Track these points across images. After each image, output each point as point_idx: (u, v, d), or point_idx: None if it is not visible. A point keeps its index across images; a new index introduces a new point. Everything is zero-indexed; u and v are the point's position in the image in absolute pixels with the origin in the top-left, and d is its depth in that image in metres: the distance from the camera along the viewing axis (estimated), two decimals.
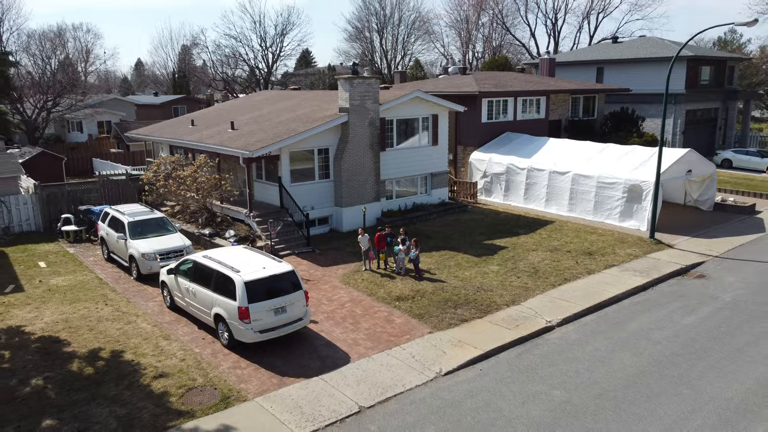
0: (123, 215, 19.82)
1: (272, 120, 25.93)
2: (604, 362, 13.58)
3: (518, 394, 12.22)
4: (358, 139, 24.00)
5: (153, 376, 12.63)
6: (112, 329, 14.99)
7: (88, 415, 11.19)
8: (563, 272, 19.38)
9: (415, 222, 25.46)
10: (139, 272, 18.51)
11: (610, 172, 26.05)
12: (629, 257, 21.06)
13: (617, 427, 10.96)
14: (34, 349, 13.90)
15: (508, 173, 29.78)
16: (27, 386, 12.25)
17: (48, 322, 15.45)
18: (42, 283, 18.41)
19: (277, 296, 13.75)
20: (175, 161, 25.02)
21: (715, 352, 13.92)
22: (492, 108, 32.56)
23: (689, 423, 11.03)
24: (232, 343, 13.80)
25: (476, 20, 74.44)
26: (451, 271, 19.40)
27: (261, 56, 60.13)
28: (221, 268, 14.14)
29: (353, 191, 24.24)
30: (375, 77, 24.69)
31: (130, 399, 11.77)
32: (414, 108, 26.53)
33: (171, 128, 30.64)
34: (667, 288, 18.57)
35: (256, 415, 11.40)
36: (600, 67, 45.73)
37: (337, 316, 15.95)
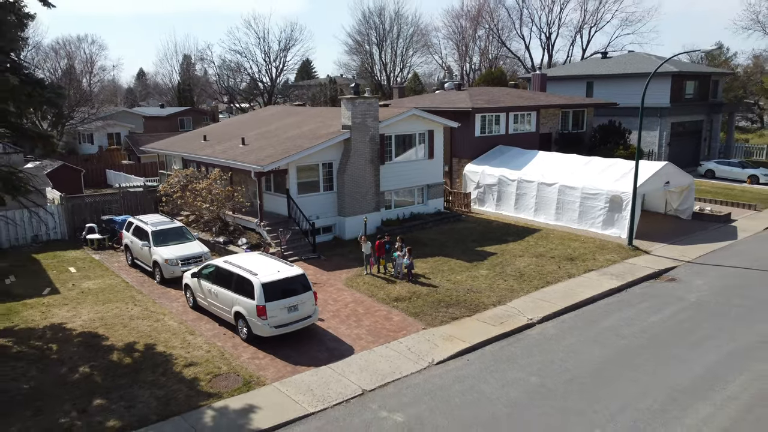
0: (146, 225, 21.83)
1: (280, 136, 27.97)
2: (576, 354, 15.53)
3: (499, 380, 14.17)
4: (359, 154, 26.02)
5: (183, 365, 14.58)
6: (143, 326, 16.96)
7: (132, 396, 13.14)
8: (546, 276, 21.36)
9: (412, 230, 27.43)
10: (162, 276, 20.49)
11: (594, 183, 28.06)
12: (608, 262, 23.04)
13: (582, 405, 12.91)
14: (76, 343, 15.87)
15: (499, 184, 31.79)
16: (76, 373, 14.21)
17: (86, 320, 17.42)
18: (75, 286, 20.38)
19: (290, 296, 15.72)
20: (189, 174, 27.02)
21: (674, 345, 15.88)
22: (485, 122, 34.61)
23: (642, 401, 12.98)
24: (251, 337, 15.76)
25: (473, 33, 76.80)
26: (444, 275, 21.37)
27: (265, 70, 62.33)
28: (240, 272, 16.12)
29: (355, 202, 26.24)
30: (375, 97, 26.77)
31: (165, 383, 13.72)
32: (411, 124, 28.59)
33: (184, 143, 32.69)
34: (639, 290, 20.54)
35: (274, 396, 13.34)
36: (590, 82, 47.84)
37: (342, 315, 17.91)
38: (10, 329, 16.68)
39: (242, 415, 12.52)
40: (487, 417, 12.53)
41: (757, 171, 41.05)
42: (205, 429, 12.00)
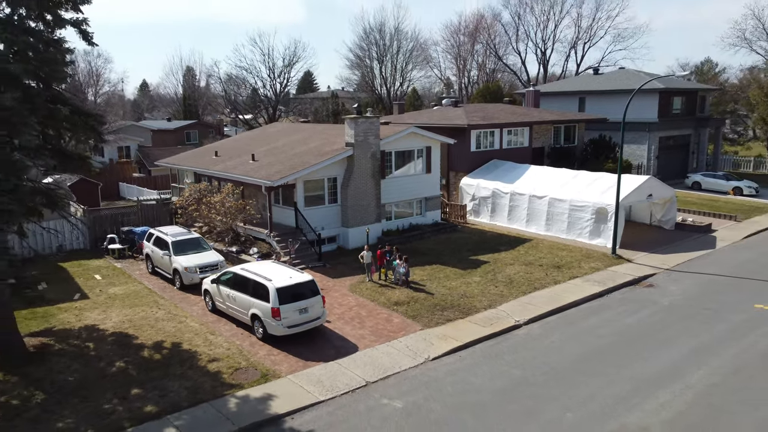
0: (166, 236, 23.75)
1: (287, 152, 29.95)
2: (556, 351, 17.40)
3: (487, 373, 16.03)
4: (361, 170, 27.98)
5: (207, 360, 16.46)
6: (168, 327, 18.84)
7: (164, 386, 15.01)
8: (534, 282, 23.25)
9: (411, 240, 29.33)
10: (182, 283, 22.40)
11: (581, 196, 29.99)
12: (592, 270, 24.94)
13: (557, 393, 14.77)
14: (110, 341, 17.75)
15: (493, 197, 33.74)
16: (113, 367, 16.08)
17: (116, 321, 19.30)
18: (102, 292, 22.28)
19: (301, 300, 17.62)
20: (203, 189, 28.97)
21: (644, 343, 17.74)
22: (480, 138, 36.63)
23: (610, 390, 14.84)
24: (266, 336, 17.64)
25: (471, 48, 79.03)
26: (440, 282, 23.26)
27: (269, 85, 64.51)
28: (257, 278, 18.02)
29: (357, 214, 28.17)
30: (376, 116, 28.80)
31: (192, 376, 15.59)
32: (410, 141, 30.58)
33: (196, 158, 34.69)
34: (619, 295, 22.43)
35: (289, 387, 15.20)
36: (582, 97, 49.90)
37: (347, 317, 19.79)
38: (49, 330, 18.57)
39: (261, 402, 14.39)
40: (474, 403, 14.39)
41: (740, 183, 42.99)
42: (230, 414, 13.86)
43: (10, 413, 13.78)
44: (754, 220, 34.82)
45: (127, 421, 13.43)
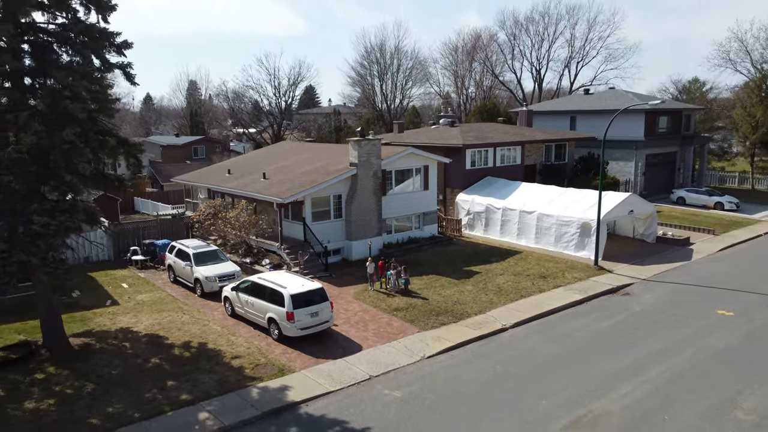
0: (188, 248, 26.18)
1: (295, 171, 32.45)
2: (536, 350, 19.77)
3: (474, 369, 18.39)
4: (364, 187, 30.46)
5: (230, 357, 18.83)
6: (194, 329, 21.22)
7: (195, 379, 17.37)
8: (521, 291, 25.64)
9: (410, 253, 31.71)
10: (203, 291, 24.80)
11: (567, 212, 32.43)
12: (575, 280, 27.33)
13: (534, 385, 17.13)
14: (144, 342, 20.12)
15: (487, 212, 36.19)
16: (149, 363, 18.45)
17: (146, 325, 21.68)
18: (131, 299, 24.67)
19: (312, 305, 20.00)
20: (218, 205, 31.43)
21: (614, 344, 20.11)
22: (475, 157, 39.14)
23: (581, 383, 17.20)
24: (281, 338, 20.00)
25: (468, 66, 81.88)
26: (436, 290, 25.64)
27: (275, 103, 67.24)
28: (273, 285, 20.42)
29: (360, 228, 30.61)
30: (377, 139, 31.35)
31: (219, 370, 17.95)
32: (409, 161, 33.09)
33: (210, 175, 37.21)
34: (597, 302, 24.81)
35: (302, 380, 17.56)
36: (573, 116, 52.50)
37: (352, 321, 22.16)
38: (89, 331, 20.94)
39: (280, 391, 16.75)
40: (463, 393, 16.75)
41: (722, 198, 45.47)
42: (253, 401, 16.22)
43: (67, 400, 16.14)
44: (731, 233, 37.23)
45: (166, 407, 15.79)
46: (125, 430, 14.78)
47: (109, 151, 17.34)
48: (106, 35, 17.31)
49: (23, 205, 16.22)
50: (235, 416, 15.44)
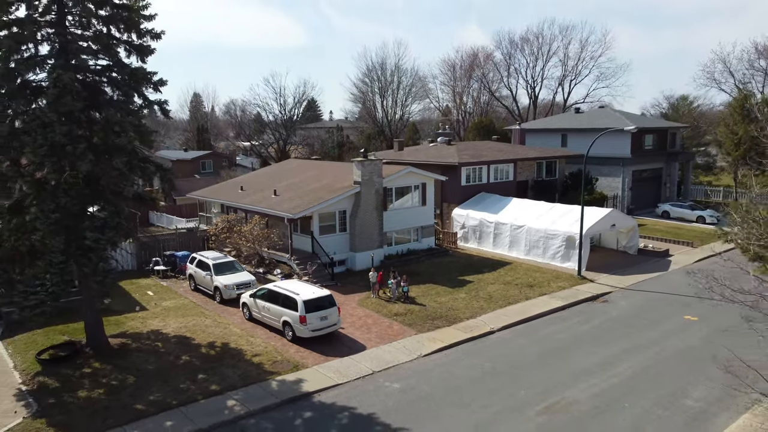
0: (208, 259, 28.88)
1: (304, 188, 35.22)
2: (520, 350, 22.42)
3: (465, 365, 21.03)
4: (367, 203, 33.21)
5: (251, 355, 21.48)
6: (216, 331, 23.89)
7: (222, 373, 20.03)
8: (509, 298, 28.30)
9: (409, 263, 34.37)
10: (222, 298, 27.47)
11: (554, 226, 35.14)
12: (559, 288, 29.99)
13: (516, 378, 19.77)
14: (173, 342, 22.79)
15: (481, 226, 38.91)
16: (180, 360, 21.11)
17: (174, 327, 24.35)
18: (157, 305, 27.35)
19: (322, 310, 22.65)
20: (233, 219, 34.16)
21: (589, 345, 22.77)
22: (470, 174, 41.91)
23: (555, 377, 19.85)
24: (294, 338, 22.66)
25: (467, 83, 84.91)
26: (432, 298, 28.31)
27: (281, 121, 70.17)
28: (287, 292, 23.11)
29: (363, 241, 33.32)
30: (379, 159, 34.15)
31: (241, 366, 20.60)
32: (408, 179, 35.88)
33: (223, 191, 40.00)
34: (578, 309, 27.47)
35: (314, 374, 20.19)
36: (564, 134, 55.34)
37: (356, 325, 24.82)
38: (123, 333, 23.60)
39: (295, 383, 19.39)
40: (454, 385, 19.40)
41: (704, 212, 48.20)
42: (273, 391, 18.86)
43: (114, 390, 18.79)
44: (710, 246, 39.69)
45: (199, 396, 18.44)
46: (166, 414, 17.43)
47: (148, 176, 20.10)
48: (146, 75, 20.15)
49: (76, 222, 18.95)
50: (258, 403, 18.09)
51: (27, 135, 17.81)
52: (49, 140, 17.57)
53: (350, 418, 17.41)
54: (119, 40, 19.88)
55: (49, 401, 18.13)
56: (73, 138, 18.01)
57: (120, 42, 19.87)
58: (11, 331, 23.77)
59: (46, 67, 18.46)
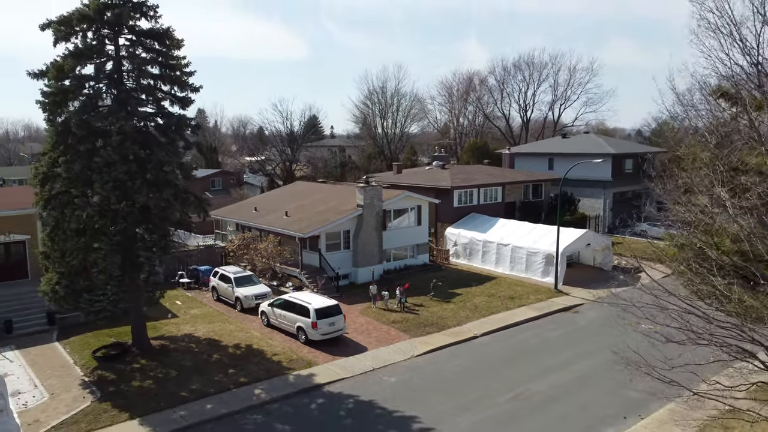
0: (229, 273, 33.07)
1: (312, 210, 39.48)
2: (497, 352, 26.56)
3: (450, 364, 25.15)
4: (368, 224, 37.44)
5: (271, 354, 25.60)
6: (240, 335, 28.02)
7: (248, 368, 24.15)
8: (492, 309, 32.45)
9: (405, 278, 38.45)
10: (242, 307, 31.62)
11: (536, 245, 39.36)
12: (536, 300, 34.15)
13: (491, 374, 23.90)
14: (204, 343, 26.92)
15: (470, 244, 43.13)
16: (212, 358, 25.24)
17: (204, 332, 28.49)
18: (186, 313, 31.49)
19: (330, 317, 26.81)
20: (248, 237, 38.40)
21: (557, 348, 26.89)
22: (461, 196, 46.21)
23: (524, 373, 23.98)
24: (307, 341, 26.78)
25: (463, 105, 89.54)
26: (424, 308, 32.45)
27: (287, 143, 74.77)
28: (301, 302, 27.27)
29: (365, 257, 37.51)
30: (380, 185, 38.44)
31: (264, 363, 24.71)
32: (405, 202, 40.17)
33: (238, 211, 44.30)
34: (551, 318, 31.61)
35: (324, 370, 24.31)
36: (551, 158, 59.75)
37: (359, 330, 28.94)
38: (161, 336, 27.73)
39: (308, 377, 23.50)
40: (441, 378, 23.54)
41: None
42: (291, 383, 22.96)
43: (161, 381, 22.91)
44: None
45: (231, 385, 22.56)
46: (205, 399, 21.55)
47: (189, 205, 24.37)
48: (187, 122, 24.50)
49: (131, 243, 23.17)
50: (279, 392, 22.21)
51: (95, 172, 22.09)
52: (113, 177, 21.85)
53: (354, 404, 21.52)
54: (166, 93, 24.24)
55: (109, 389, 22.25)
56: (132, 175, 22.27)
57: (167, 94, 24.23)
58: (65, 335, 27.91)
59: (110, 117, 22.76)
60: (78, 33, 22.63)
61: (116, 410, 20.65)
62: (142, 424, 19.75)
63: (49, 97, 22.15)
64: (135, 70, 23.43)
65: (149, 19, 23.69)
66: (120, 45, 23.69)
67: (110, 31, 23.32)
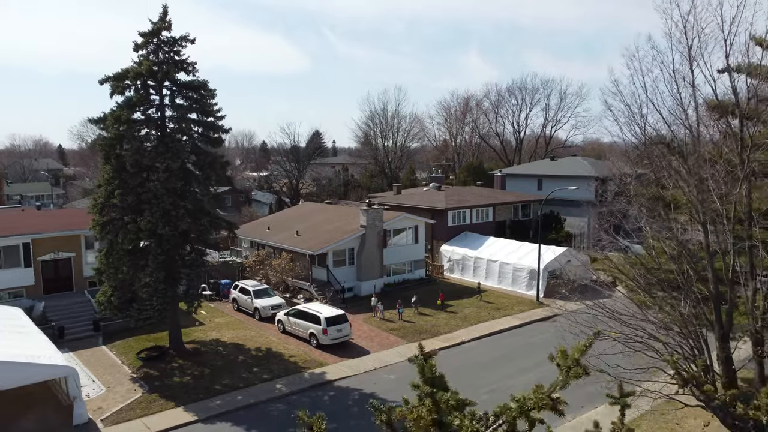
0: (248, 286, 37.56)
1: (320, 229, 44.02)
2: (482, 355, 30.96)
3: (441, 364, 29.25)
4: (371, 242, 41.95)
5: (288, 356, 30.02)
6: (260, 340, 32.45)
7: (269, 367, 28.57)
8: (479, 318, 36.88)
9: (404, 291, 42.92)
10: (260, 316, 36.06)
11: (521, 261, 43.83)
12: (520, 311, 38.57)
13: (477, 373, 28.30)
14: (230, 347, 31.35)
15: (463, 260, 47.61)
16: (238, 359, 29.66)
17: (229, 337, 32.93)
18: (211, 321, 35.93)
19: (338, 324, 31.24)
20: (263, 254, 42.92)
21: (534, 352, 31.29)
22: (455, 216, 50.75)
23: (504, 371, 28.39)
24: (318, 345, 31.20)
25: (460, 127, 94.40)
26: (420, 317, 36.88)
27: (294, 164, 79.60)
28: (312, 311, 31.73)
29: (367, 272, 41.98)
30: (381, 207, 43.04)
31: (282, 363, 29.13)
32: (403, 222, 44.72)
33: (253, 229, 48.86)
34: (531, 326, 36.02)
35: (334, 369, 28.72)
36: (540, 179, 64.34)
37: (362, 336, 33.36)
38: (193, 341, 32.16)
39: (320, 375, 27.91)
40: None
41: None
42: (306, 379, 27.36)
43: (197, 377, 27.33)
44: None
45: (256, 381, 26.97)
46: (236, 392, 25.95)
47: (220, 229, 28.92)
48: (219, 159, 29.12)
49: (174, 262, 27.70)
50: (297, 386, 26.62)
51: (145, 203, 26.66)
52: (160, 207, 26.42)
53: (359, 396, 25.93)
54: (201, 135, 28.89)
55: (155, 383, 26.68)
56: (175, 205, 26.84)
57: (202, 136, 28.88)
58: (109, 339, 32.34)
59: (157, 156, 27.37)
60: (131, 87, 27.32)
61: (163, 400, 25.07)
62: (186, 411, 24.17)
63: (107, 140, 26.79)
64: (177, 117, 28.07)
65: (188, 74, 28.41)
66: (164, 94, 28.38)
67: (156, 84, 28.01)
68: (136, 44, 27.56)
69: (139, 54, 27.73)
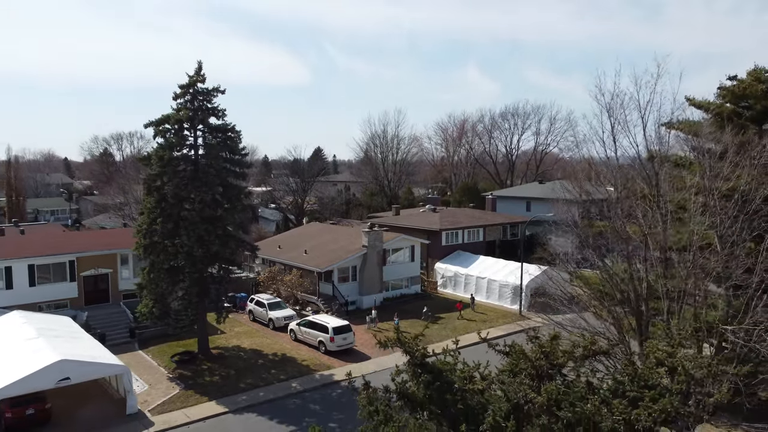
0: (263, 299, 42.46)
1: (326, 248, 48.99)
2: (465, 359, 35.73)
3: None
4: (371, 261, 46.89)
5: (300, 360, 34.86)
6: (275, 346, 37.30)
7: (285, 369, 33.43)
8: (467, 329, 41.71)
9: (401, 304, 47.77)
10: (274, 326, 40.93)
11: (507, 278, 48.77)
12: (503, 323, 43.44)
13: None
14: (250, 352, 36.20)
15: (455, 276, 52.53)
16: (258, 362, 34.46)
17: (248, 344, 37.77)
18: (231, 330, 40.77)
19: (344, 333, 36.09)
20: (275, 271, 47.85)
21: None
22: (448, 236, 55.73)
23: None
24: (326, 351, 36.03)
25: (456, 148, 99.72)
26: (414, 328, 41.41)
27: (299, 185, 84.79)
28: (321, 322, 36.61)
29: (368, 287, 46.87)
30: (381, 229, 48.05)
31: (296, 366, 33.95)
32: (401, 242, 49.73)
33: (266, 248, 53.65)
34: (514, 336, 40.73)
35: (340, 371, 33.52)
36: (528, 201, 69.36)
37: (364, 344, 38.19)
38: (217, 347, 37.00)
39: (329, 376, 32.75)
40: None
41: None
42: (316, 380, 32.18)
43: (224, 377, 32.17)
44: None
45: (274, 381, 31.82)
46: (258, 389, 30.80)
47: (245, 250, 33.88)
48: (244, 190, 34.16)
49: (204, 278, 32.64)
50: (309, 385, 31.47)
51: (182, 229, 31.64)
52: (196, 233, 31.41)
53: None
54: (229, 171, 33.93)
55: (189, 382, 31.51)
56: (209, 231, 31.83)
57: (230, 172, 33.92)
58: (144, 345, 37.18)
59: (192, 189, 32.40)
60: (170, 130, 32.42)
61: (198, 395, 29.92)
62: (218, 404, 29.02)
63: (151, 176, 31.84)
64: (209, 155, 33.13)
65: (218, 118, 33.52)
66: (197, 136, 33.47)
67: (191, 127, 33.10)
68: (175, 94, 32.70)
69: (177, 102, 32.84)
